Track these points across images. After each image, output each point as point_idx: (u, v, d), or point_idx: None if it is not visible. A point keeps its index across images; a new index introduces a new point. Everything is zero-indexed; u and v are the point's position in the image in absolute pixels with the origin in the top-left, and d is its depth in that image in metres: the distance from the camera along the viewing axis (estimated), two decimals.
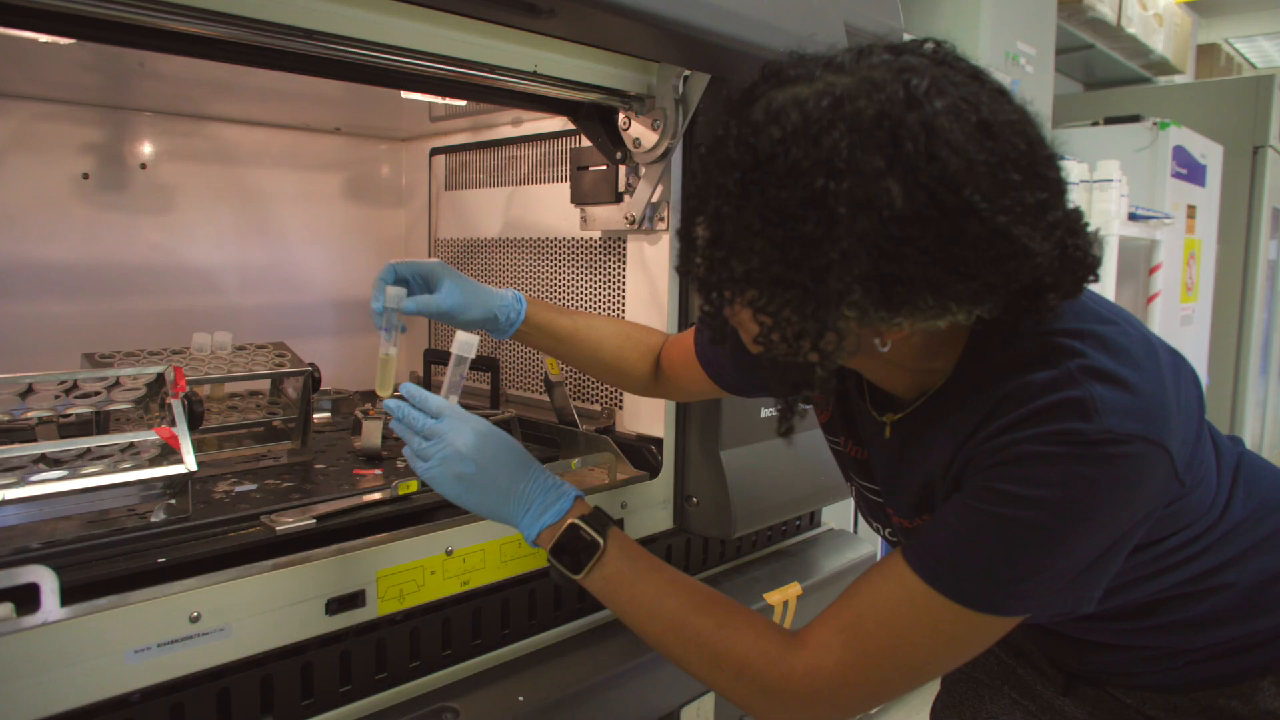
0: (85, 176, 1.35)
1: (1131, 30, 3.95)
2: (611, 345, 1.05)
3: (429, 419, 0.83)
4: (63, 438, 0.99)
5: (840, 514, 1.93)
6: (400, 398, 0.84)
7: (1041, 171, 0.62)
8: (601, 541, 0.82)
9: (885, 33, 1.38)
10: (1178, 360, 0.73)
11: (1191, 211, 3.56)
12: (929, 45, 0.65)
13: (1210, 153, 3.81)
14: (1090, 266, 0.67)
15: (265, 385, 1.27)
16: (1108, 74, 4.67)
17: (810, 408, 0.84)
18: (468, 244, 1.59)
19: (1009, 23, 2.93)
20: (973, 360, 0.72)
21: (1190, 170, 3.53)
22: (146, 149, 1.40)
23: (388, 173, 1.72)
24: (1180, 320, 3.50)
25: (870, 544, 1.56)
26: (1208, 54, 5.57)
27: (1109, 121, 3.30)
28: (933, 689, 1.06)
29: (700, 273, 0.68)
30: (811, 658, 0.73)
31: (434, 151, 1.66)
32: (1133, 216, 2.96)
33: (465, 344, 0.86)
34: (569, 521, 0.82)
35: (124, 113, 1.38)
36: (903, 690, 0.74)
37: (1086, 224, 0.68)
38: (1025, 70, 3.06)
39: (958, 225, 0.58)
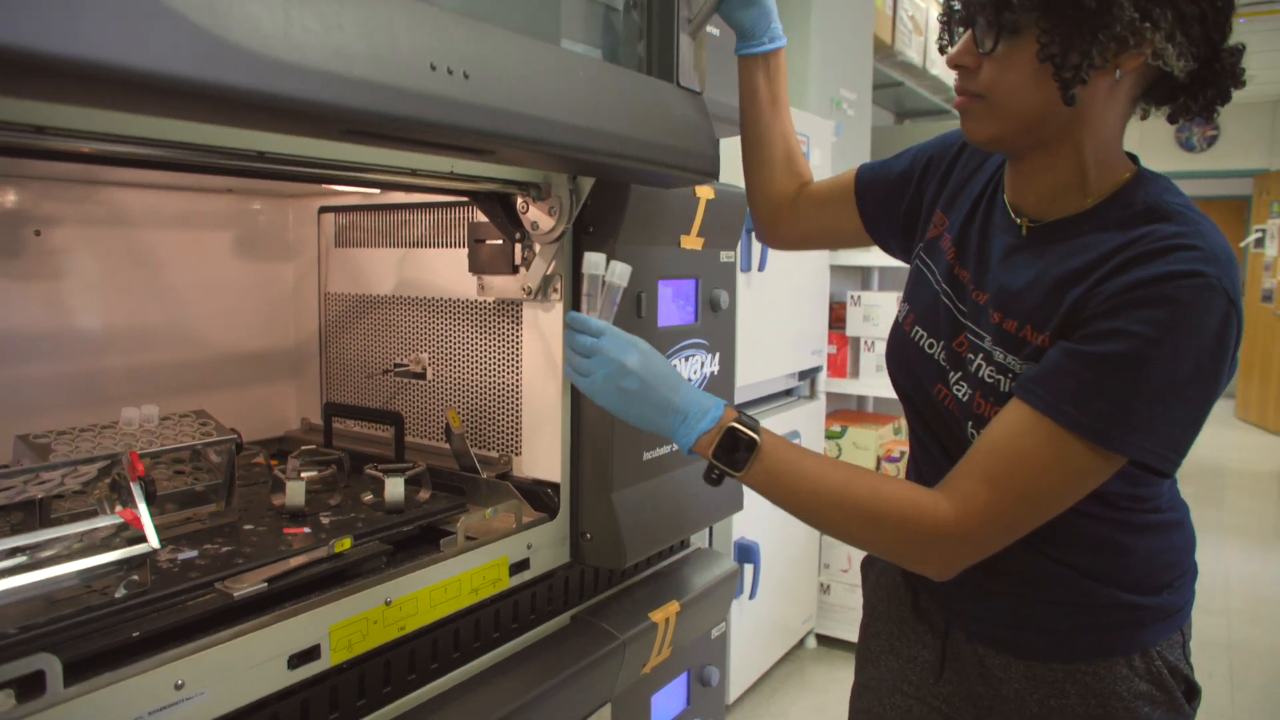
0: None
1: (934, 72, 4.42)
2: (792, 143, 1.26)
3: (591, 338, 0.95)
4: (7, 521, 1.05)
5: (698, 534, 2.14)
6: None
7: None
8: (759, 439, 0.94)
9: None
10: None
11: None
12: None
13: None
14: (1236, 75, 0.89)
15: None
16: (915, 106, 5.20)
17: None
18: (359, 299, 1.69)
19: (833, 71, 3.26)
20: (1115, 204, 0.90)
21: None
22: (40, 215, 1.42)
23: (276, 229, 1.78)
24: None
25: (729, 561, 1.78)
26: None
27: None
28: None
29: None
30: (961, 505, 0.87)
31: (323, 210, 1.74)
32: None
33: (621, 273, 0.98)
34: (728, 425, 0.94)
35: (17, 180, 1.39)
36: (1035, 524, 0.89)
37: None
38: (847, 114, 3.41)
39: None
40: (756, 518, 2.58)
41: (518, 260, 1.40)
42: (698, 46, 1.23)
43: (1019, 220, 0.98)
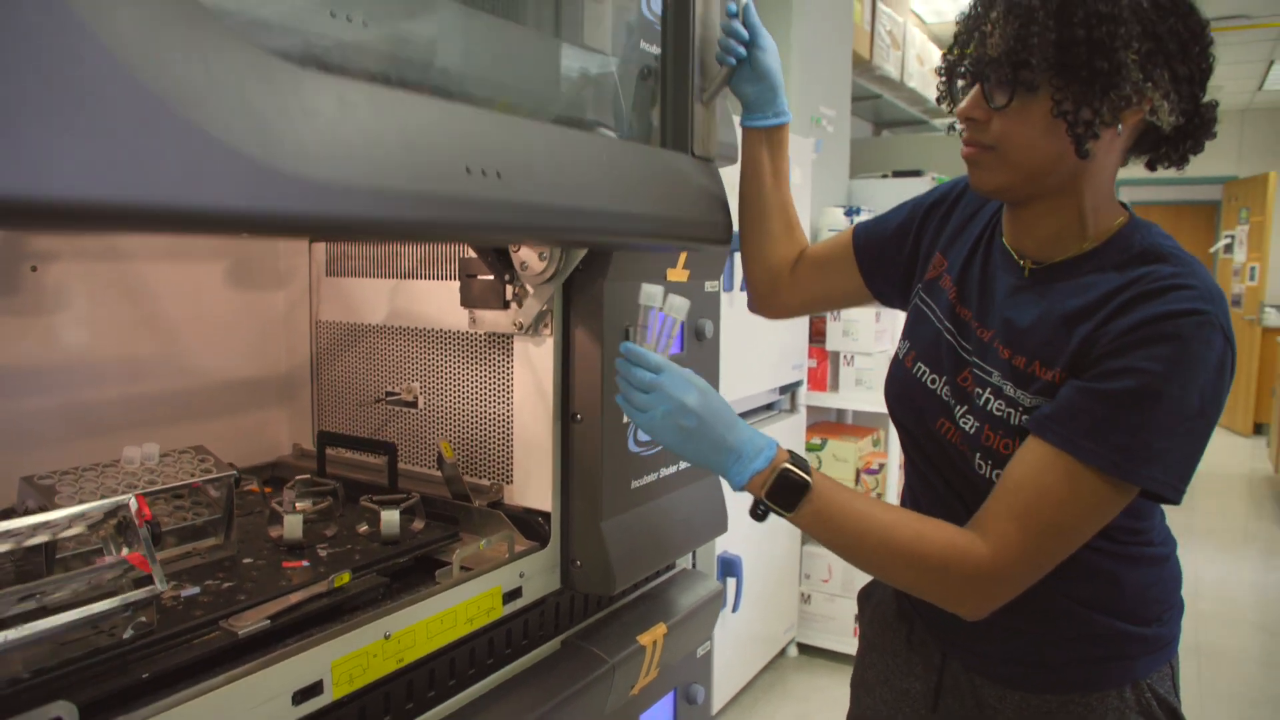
0: None
1: (911, 84, 4.50)
2: (792, 213, 1.29)
3: (650, 373, 0.97)
4: (13, 561, 1.07)
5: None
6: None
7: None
8: (811, 481, 0.97)
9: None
10: None
11: None
12: None
13: None
14: (1210, 126, 0.97)
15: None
16: (893, 117, 5.27)
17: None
18: (351, 328, 1.72)
19: (813, 90, 3.32)
20: (1112, 247, 0.97)
21: None
22: (36, 251, 1.45)
23: (267, 257, 1.81)
24: None
25: (713, 581, 1.83)
26: None
27: (896, 175, 3.78)
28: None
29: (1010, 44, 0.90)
30: (995, 546, 0.91)
31: (313, 239, 1.76)
32: None
33: (679, 307, 1.00)
34: (781, 467, 0.97)
35: None
36: (1059, 559, 0.93)
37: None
38: (827, 130, 3.47)
39: (1189, 26, 0.92)
40: (738, 533, 2.63)
41: (508, 296, 1.44)
42: (708, 114, 1.27)
43: (1021, 261, 1.04)
